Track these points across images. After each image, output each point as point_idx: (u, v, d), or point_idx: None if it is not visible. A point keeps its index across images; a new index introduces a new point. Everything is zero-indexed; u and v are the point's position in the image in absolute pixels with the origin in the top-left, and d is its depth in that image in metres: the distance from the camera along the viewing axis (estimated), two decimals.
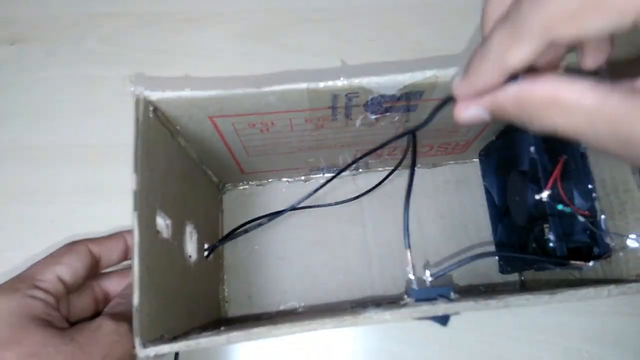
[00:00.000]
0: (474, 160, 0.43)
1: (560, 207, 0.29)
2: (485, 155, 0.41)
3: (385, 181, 0.39)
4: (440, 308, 0.24)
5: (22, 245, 0.40)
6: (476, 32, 0.48)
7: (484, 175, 0.42)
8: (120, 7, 0.49)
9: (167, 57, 0.47)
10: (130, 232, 0.28)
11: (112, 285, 0.33)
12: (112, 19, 0.48)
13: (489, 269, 0.40)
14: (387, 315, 0.23)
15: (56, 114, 0.45)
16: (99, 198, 0.42)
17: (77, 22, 0.48)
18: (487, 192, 0.41)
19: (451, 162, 0.44)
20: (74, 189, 0.42)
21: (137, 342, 0.22)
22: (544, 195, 0.29)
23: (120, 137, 0.39)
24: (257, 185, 0.43)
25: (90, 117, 0.44)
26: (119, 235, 0.33)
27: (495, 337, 0.38)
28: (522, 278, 0.40)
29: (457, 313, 0.25)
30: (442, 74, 0.27)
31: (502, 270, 0.38)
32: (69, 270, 0.29)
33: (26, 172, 0.43)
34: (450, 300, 0.25)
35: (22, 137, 0.44)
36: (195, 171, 0.36)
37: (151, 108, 0.27)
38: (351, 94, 0.28)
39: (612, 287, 0.25)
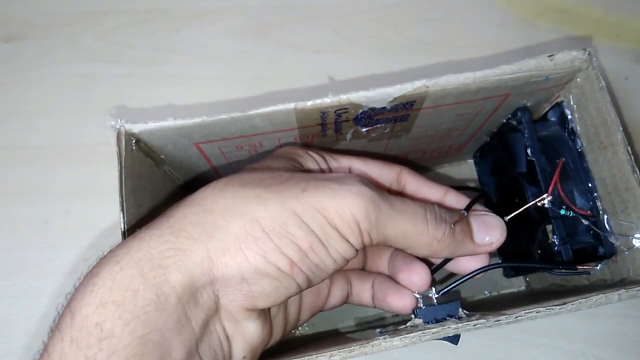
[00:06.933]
0: (469, 161, 0.42)
1: (562, 211, 0.28)
2: (480, 157, 0.40)
3: None
4: (451, 329, 0.23)
5: (17, 246, 0.39)
6: (476, 29, 0.47)
7: (479, 176, 0.41)
8: (117, 4, 0.48)
9: (164, 54, 0.46)
10: None
11: None
12: (109, 16, 0.47)
13: (492, 272, 0.39)
14: (396, 341, 0.22)
15: (51, 112, 0.44)
16: (94, 198, 0.40)
17: (73, 20, 0.47)
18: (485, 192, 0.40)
19: (446, 164, 0.43)
20: (69, 189, 0.41)
21: None
22: (546, 201, 0.28)
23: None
24: None
25: (86, 116, 0.43)
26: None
27: (496, 341, 0.37)
28: (527, 279, 0.39)
29: (467, 330, 0.24)
30: (432, 84, 0.26)
31: (507, 274, 0.38)
32: None
33: (21, 171, 0.42)
34: (459, 319, 0.24)
35: (17, 136, 0.43)
36: (183, 196, 0.35)
37: (133, 140, 0.26)
38: (340, 110, 0.27)
39: (622, 291, 0.24)
